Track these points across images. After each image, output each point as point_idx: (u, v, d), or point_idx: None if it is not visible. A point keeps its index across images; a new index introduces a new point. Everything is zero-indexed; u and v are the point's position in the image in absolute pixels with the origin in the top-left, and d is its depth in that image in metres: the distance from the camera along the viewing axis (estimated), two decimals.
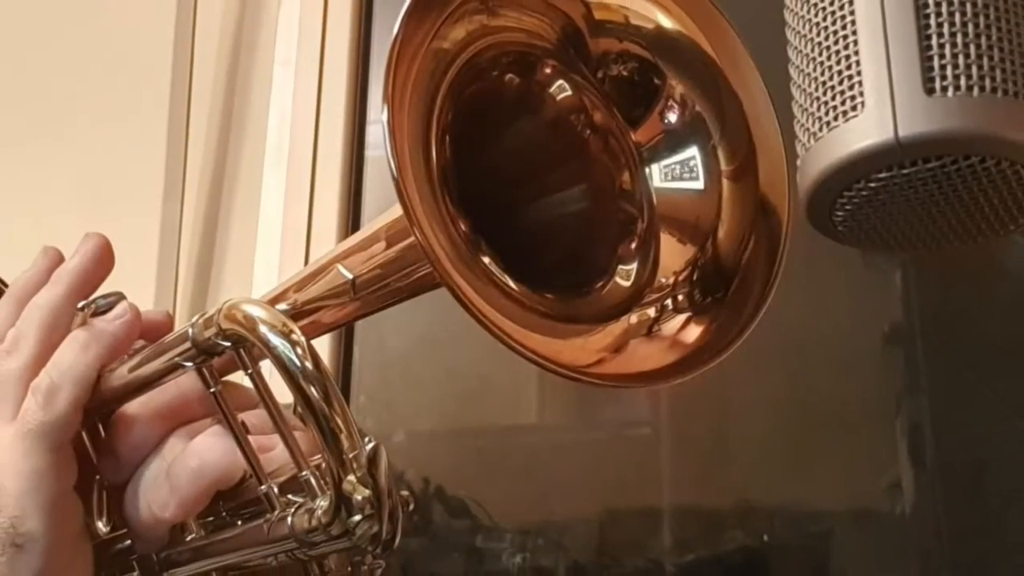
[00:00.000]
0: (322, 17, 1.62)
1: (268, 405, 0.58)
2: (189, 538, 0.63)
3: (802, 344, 1.41)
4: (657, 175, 0.64)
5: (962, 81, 0.54)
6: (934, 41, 0.54)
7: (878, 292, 1.50)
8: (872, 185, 0.55)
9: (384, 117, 0.54)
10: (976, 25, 0.54)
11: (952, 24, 0.54)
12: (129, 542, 0.64)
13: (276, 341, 0.55)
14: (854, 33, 0.55)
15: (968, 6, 0.54)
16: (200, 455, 0.60)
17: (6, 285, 0.73)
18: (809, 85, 0.57)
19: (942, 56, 0.54)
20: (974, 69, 0.54)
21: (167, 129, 1.58)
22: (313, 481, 0.56)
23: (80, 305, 0.65)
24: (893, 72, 0.54)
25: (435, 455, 1.55)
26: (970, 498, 1.42)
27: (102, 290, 0.66)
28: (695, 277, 0.62)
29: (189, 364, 0.60)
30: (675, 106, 0.64)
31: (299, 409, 0.55)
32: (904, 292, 1.49)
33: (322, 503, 0.55)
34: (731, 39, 0.63)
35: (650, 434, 1.52)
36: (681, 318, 0.61)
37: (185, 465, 0.61)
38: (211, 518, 0.63)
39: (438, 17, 0.57)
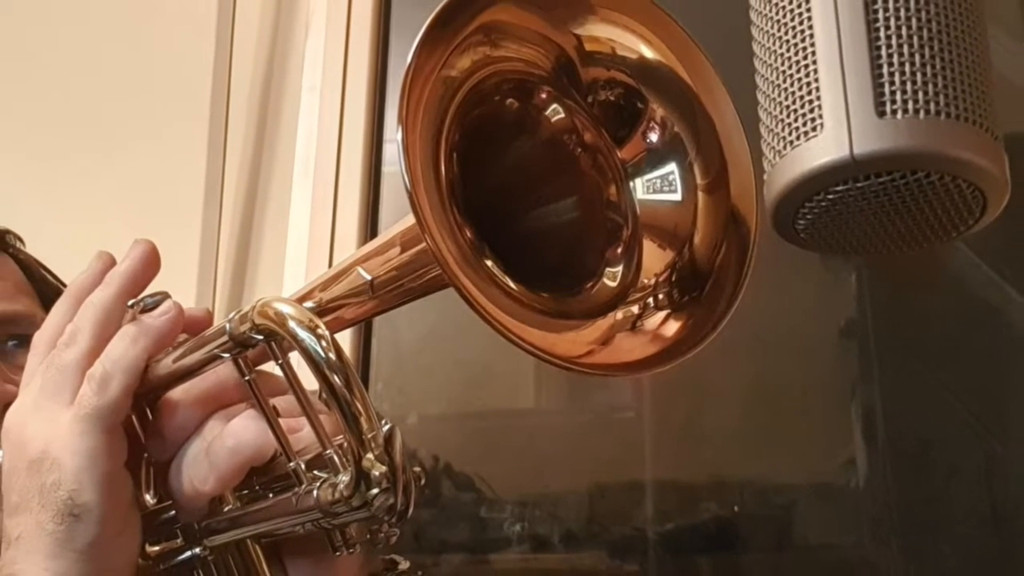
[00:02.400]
0: (344, 48, 1.62)
1: (296, 391, 0.58)
2: (226, 509, 0.63)
3: (768, 337, 1.41)
4: (640, 188, 0.64)
5: (910, 105, 0.54)
6: (885, 70, 0.54)
7: (835, 291, 1.50)
8: (830, 197, 0.55)
9: (399, 137, 0.54)
10: (923, 56, 0.54)
11: (901, 55, 0.54)
12: (173, 512, 0.64)
13: (303, 335, 0.55)
14: (814, 62, 0.55)
15: (915, 39, 0.54)
16: (236, 435, 0.61)
17: (64, 285, 0.73)
18: (774, 108, 0.57)
19: (892, 83, 0.54)
20: (920, 95, 0.54)
21: (207, 147, 1.58)
22: (336, 458, 0.56)
23: (130, 303, 0.65)
24: (849, 97, 0.54)
25: (444, 435, 1.55)
26: (916, 473, 1.42)
27: (150, 289, 0.66)
28: (674, 278, 0.62)
29: (226, 355, 0.60)
30: (656, 127, 0.64)
31: (323, 395, 0.55)
32: (858, 291, 1.49)
33: (344, 478, 0.55)
34: (705, 67, 0.63)
35: (634, 417, 1.52)
36: (661, 314, 0.61)
37: (223, 444, 0.61)
38: (246, 491, 0.63)
39: (447, 48, 0.57)
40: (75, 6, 1.69)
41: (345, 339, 1.40)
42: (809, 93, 0.56)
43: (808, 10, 0.56)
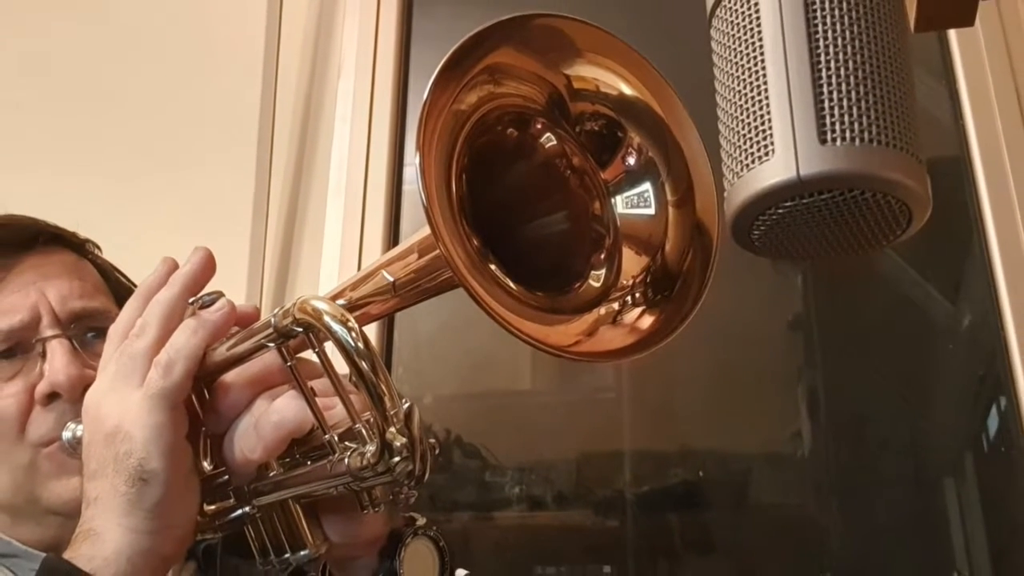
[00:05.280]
0: (370, 86, 1.62)
1: (330, 375, 0.58)
2: (271, 474, 0.62)
3: (728, 330, 1.41)
4: (620, 204, 0.64)
5: (847, 134, 0.53)
6: (826, 104, 0.54)
7: (784, 291, 1.50)
8: (780, 211, 0.55)
9: (417, 161, 0.54)
10: (858, 92, 0.54)
11: (840, 91, 0.54)
12: (227, 477, 0.64)
13: (336, 327, 0.55)
14: (766, 98, 0.55)
15: (852, 79, 0.54)
16: (280, 412, 0.60)
17: (135, 286, 0.73)
18: (733, 136, 0.57)
19: (832, 115, 0.54)
20: (856, 125, 0.53)
21: (255, 170, 1.58)
22: (364, 431, 0.56)
23: (191, 300, 0.65)
24: (796, 127, 0.54)
25: (454, 412, 1.55)
26: (853, 444, 1.42)
27: (207, 289, 0.66)
28: (648, 280, 0.62)
29: (271, 345, 0.60)
30: (633, 152, 0.64)
31: (353, 378, 0.55)
32: (804, 291, 1.49)
33: (370, 448, 0.55)
34: (675, 102, 0.63)
35: (614, 397, 1.52)
36: (638, 310, 0.61)
37: (269, 419, 0.61)
38: (288, 459, 0.63)
39: (457, 86, 0.57)
40: (146, 56, 1.69)
41: (371, 331, 1.39)
42: (762, 124, 0.55)
43: (761, 54, 0.56)
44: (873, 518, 1.37)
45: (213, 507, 0.65)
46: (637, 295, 0.62)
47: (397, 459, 0.54)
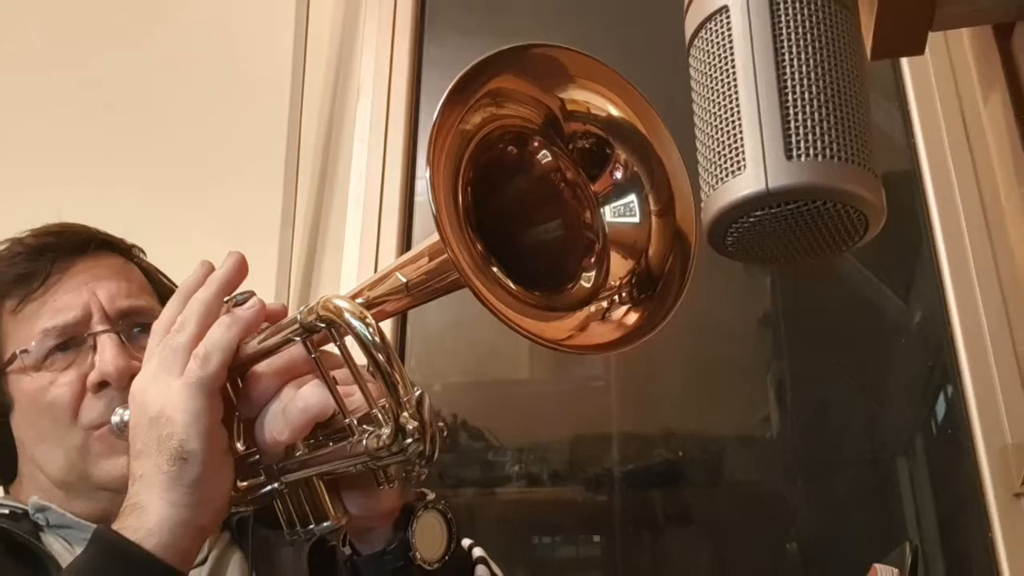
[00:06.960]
0: (386, 109, 1.62)
1: (350, 366, 0.58)
2: (298, 454, 0.63)
3: (705, 326, 1.41)
4: (608, 213, 0.64)
5: (811, 150, 0.53)
6: (792, 124, 0.54)
7: (755, 291, 1.50)
8: (751, 220, 0.55)
9: (427, 175, 0.54)
10: (821, 113, 0.54)
11: (804, 112, 0.54)
12: (257, 457, 0.64)
13: (356, 323, 0.55)
14: (739, 117, 0.55)
15: (815, 101, 0.54)
16: (305, 399, 0.61)
17: (175, 286, 0.73)
18: (709, 152, 0.57)
19: (798, 134, 0.54)
20: (819, 143, 0.54)
21: (283, 183, 1.58)
22: (380, 416, 0.56)
23: (225, 299, 0.65)
24: (765, 144, 0.54)
25: (461, 399, 1.55)
26: (816, 428, 1.42)
27: (240, 289, 0.66)
28: (634, 281, 0.62)
29: (297, 339, 0.60)
30: (620, 167, 0.64)
31: (370, 368, 0.55)
32: (772, 290, 1.49)
33: (386, 431, 0.55)
34: (657, 122, 0.63)
35: (604, 385, 1.52)
36: (624, 308, 0.61)
37: (295, 405, 0.61)
38: (312, 441, 0.63)
39: (463, 108, 0.57)
40: (185, 80, 1.69)
41: (387, 327, 1.40)
42: (735, 141, 0.55)
43: (734, 79, 0.57)
44: (834, 493, 1.37)
45: (245, 483, 0.65)
46: (624, 294, 0.62)
47: (410, 440, 0.54)
